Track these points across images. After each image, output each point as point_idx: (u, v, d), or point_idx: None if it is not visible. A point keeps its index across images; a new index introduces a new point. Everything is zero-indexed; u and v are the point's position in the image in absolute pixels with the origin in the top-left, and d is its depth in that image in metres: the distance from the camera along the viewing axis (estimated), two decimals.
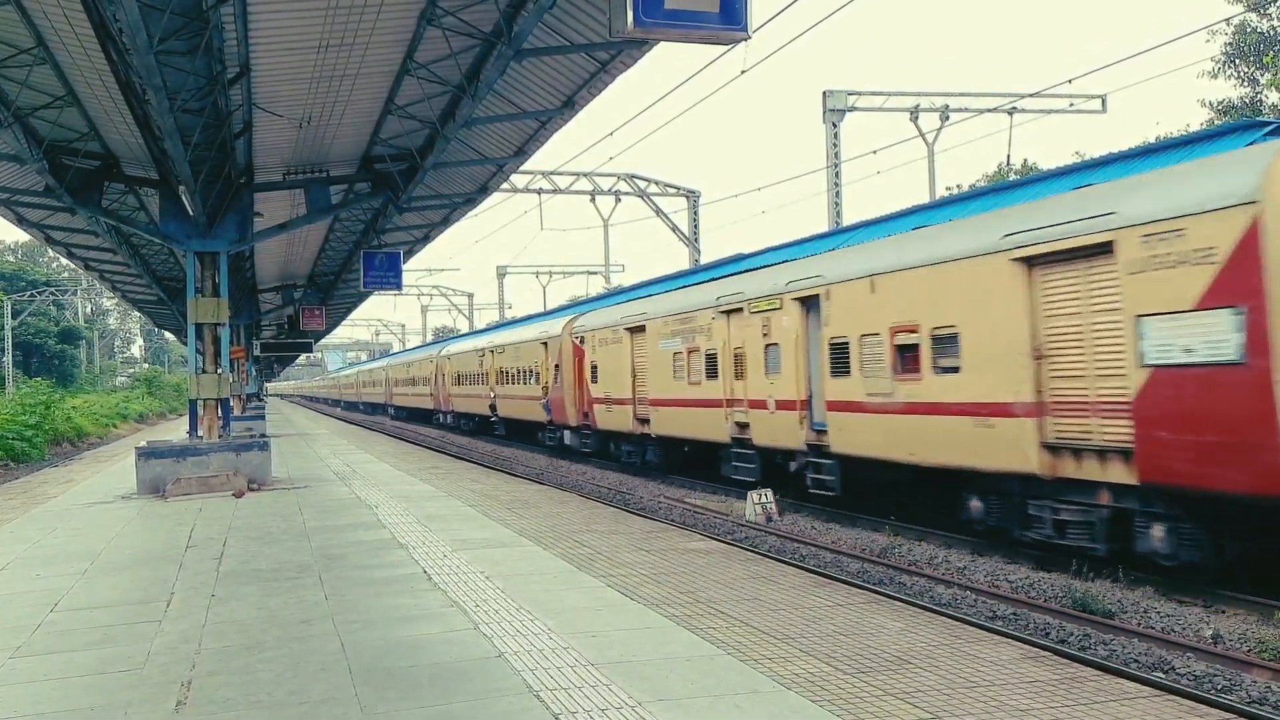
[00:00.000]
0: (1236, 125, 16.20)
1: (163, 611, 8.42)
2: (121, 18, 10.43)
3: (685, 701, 5.74)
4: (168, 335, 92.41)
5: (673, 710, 5.60)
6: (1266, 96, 34.82)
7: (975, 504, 13.77)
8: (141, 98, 14.24)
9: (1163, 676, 8.39)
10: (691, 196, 44.17)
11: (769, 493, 17.72)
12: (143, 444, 18.96)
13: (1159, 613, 10.44)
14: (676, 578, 9.29)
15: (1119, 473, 11.26)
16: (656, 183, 44.09)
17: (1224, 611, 10.44)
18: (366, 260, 26.06)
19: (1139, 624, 10.20)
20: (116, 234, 24.59)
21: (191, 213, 18.16)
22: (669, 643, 7.00)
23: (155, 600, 8.89)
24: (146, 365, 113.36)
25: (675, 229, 44.11)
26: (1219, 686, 8.29)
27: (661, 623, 7.57)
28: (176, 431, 30.22)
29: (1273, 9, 33.95)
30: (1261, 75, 34.63)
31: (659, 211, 43.93)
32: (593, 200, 44.56)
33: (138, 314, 75.01)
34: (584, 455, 29.74)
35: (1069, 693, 5.85)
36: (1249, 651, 9.10)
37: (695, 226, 43.94)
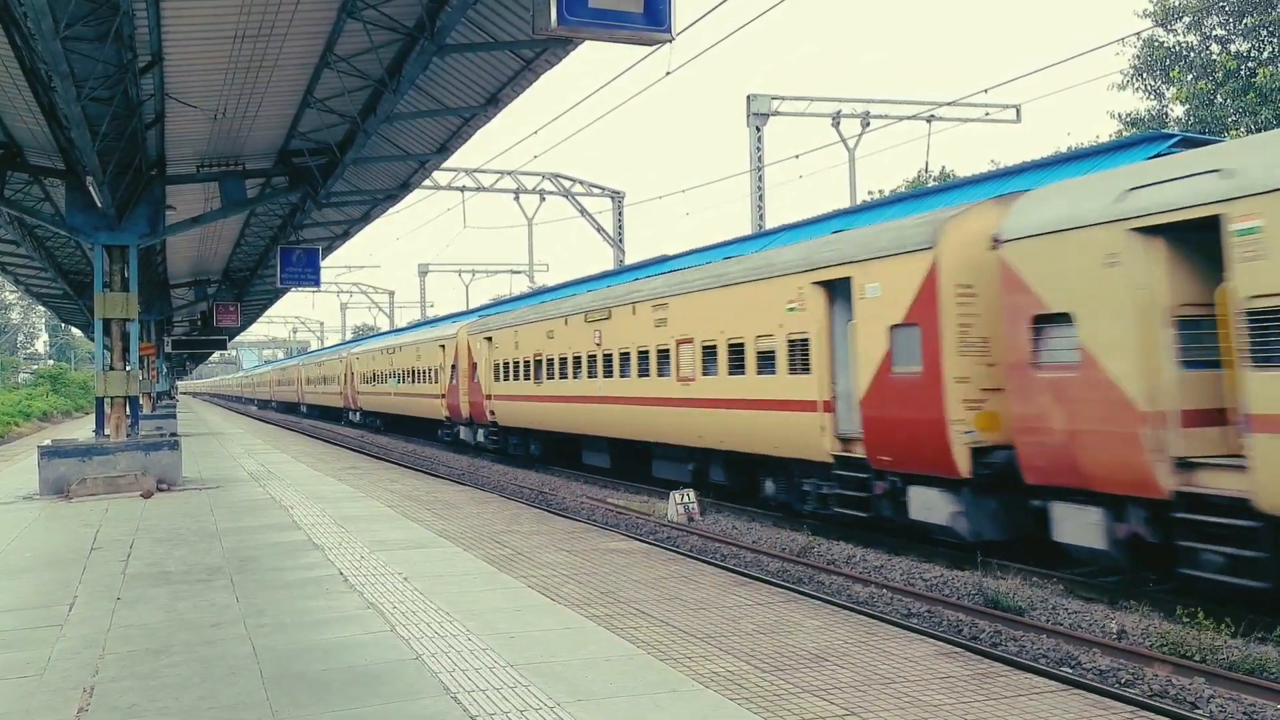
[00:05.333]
0: (1143, 137, 16.75)
1: (65, 615, 8.14)
2: (26, 1, 10.05)
3: (604, 701, 5.73)
4: (74, 331, 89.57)
5: (591, 710, 5.58)
6: (1172, 109, 36.09)
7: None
8: (47, 85, 13.76)
9: (1070, 671, 8.63)
10: (616, 197, 44.21)
11: (691, 493, 17.80)
12: (46, 443, 18.33)
13: (1067, 610, 10.73)
14: (597, 578, 9.27)
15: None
16: (581, 183, 44.03)
17: (1128, 608, 10.76)
18: (284, 256, 25.55)
19: (1048, 621, 10.47)
20: (20, 226, 23.72)
21: (100, 205, 17.61)
22: (589, 643, 6.98)
23: (57, 604, 8.58)
24: (51, 362, 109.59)
25: (600, 229, 44.11)
26: (1123, 681, 8.55)
27: (582, 623, 7.55)
28: (83, 430, 29.25)
29: (1179, 25, 35.18)
30: (1167, 89, 35.87)
31: (583, 211, 43.88)
32: (517, 199, 44.34)
33: (42, 308, 72.49)
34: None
35: (980, 688, 5.97)
36: (1151, 647, 9.40)
37: (620, 227, 43.98)
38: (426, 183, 29.78)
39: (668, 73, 16.73)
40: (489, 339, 30.23)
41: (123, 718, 5.65)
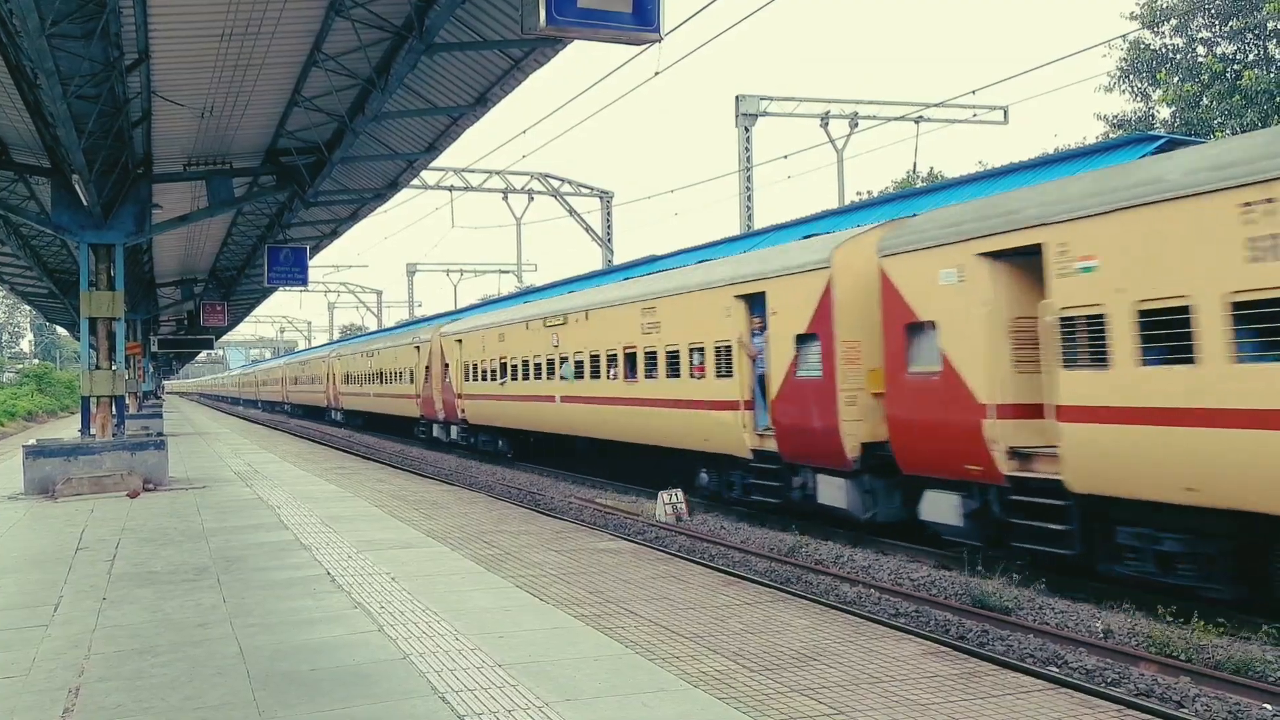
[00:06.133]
0: (1130, 139, 16.83)
1: (50, 615, 8.09)
2: None
3: (593, 701, 5.72)
4: (60, 330, 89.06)
5: (581, 710, 5.57)
6: (1158, 112, 36.26)
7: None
8: (33, 82, 13.69)
9: (1056, 670, 8.66)
10: (605, 197, 44.18)
11: (679, 493, 17.82)
12: (31, 442, 18.22)
13: (1053, 609, 10.77)
14: (586, 578, 9.27)
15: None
16: (570, 182, 44.00)
17: (1114, 607, 10.81)
18: (271, 255, 25.44)
19: (1034, 620, 10.51)
20: (5, 224, 23.58)
21: (86, 203, 17.52)
22: (578, 642, 6.98)
23: (42, 604, 8.54)
24: (37, 361, 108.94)
25: (588, 229, 44.08)
26: (1109, 680, 8.58)
27: (570, 623, 7.54)
28: (68, 430, 29.08)
29: (1165, 28, 35.35)
30: (1154, 91, 36.03)
31: (572, 211, 43.84)
32: (505, 199, 44.29)
33: (27, 307, 72.10)
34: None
35: (968, 687, 5.99)
36: (1137, 646, 9.44)
37: (608, 227, 43.96)
38: (415, 182, 29.73)
39: (656, 72, 16.78)
40: (459, 341, 31.61)
41: (109, 718, 5.62)
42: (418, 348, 36.05)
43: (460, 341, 31.50)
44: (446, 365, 32.54)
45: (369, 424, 47.72)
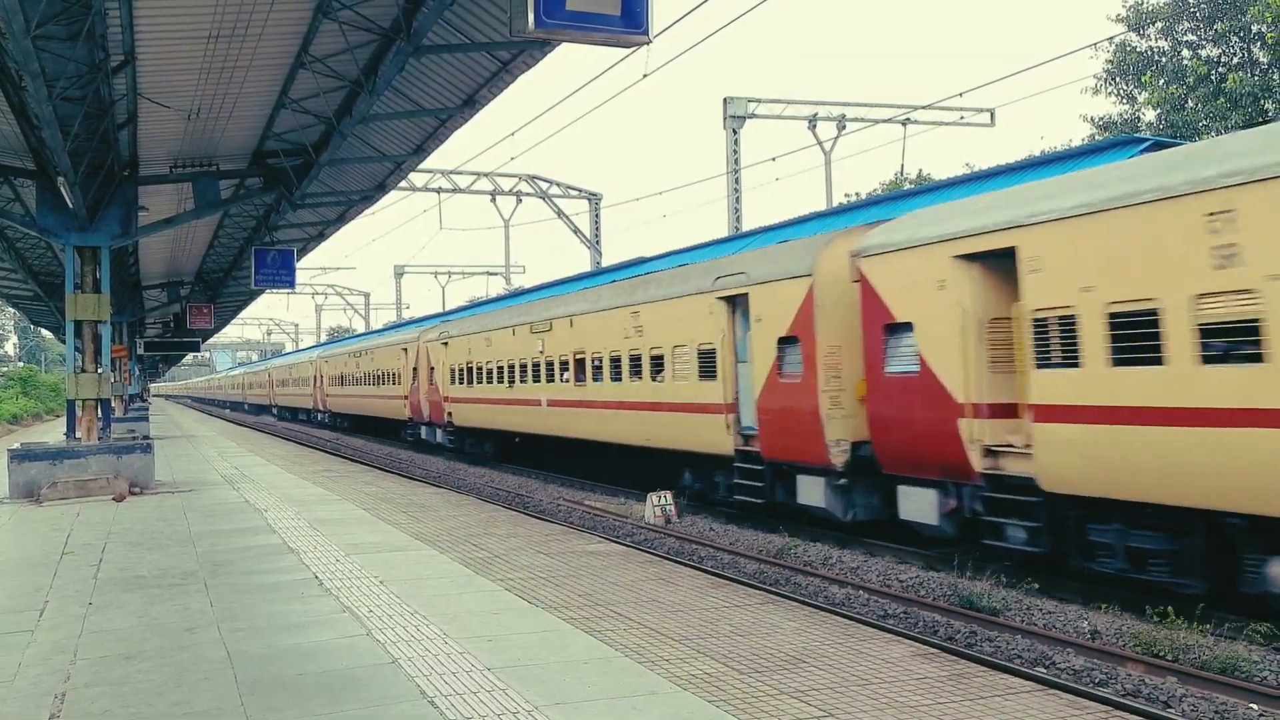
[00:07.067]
0: (1116, 141, 16.92)
1: (36, 621, 8.04)
2: None
3: (583, 705, 5.71)
4: (45, 333, 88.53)
5: (570, 713, 5.56)
6: (1144, 114, 36.42)
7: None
8: (17, 84, 13.61)
9: (1044, 671, 8.68)
10: (593, 199, 44.16)
11: (668, 495, 17.81)
12: (16, 446, 18.11)
13: (1041, 610, 10.80)
14: (575, 580, 9.26)
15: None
16: (558, 184, 43.97)
17: (1101, 608, 10.84)
18: (258, 257, 25.34)
19: (1022, 621, 10.53)
20: None
21: (71, 205, 17.43)
22: (567, 646, 6.97)
23: (28, 609, 8.48)
24: (21, 364, 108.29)
25: (577, 231, 44.05)
26: (1097, 680, 8.61)
27: (560, 626, 7.53)
28: (54, 433, 28.93)
29: (1151, 31, 35.52)
30: (1139, 93, 36.20)
31: (560, 213, 43.81)
32: (493, 200, 44.21)
33: (12, 310, 71.64)
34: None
35: (956, 688, 6.00)
36: (1124, 646, 9.47)
37: (597, 229, 43.95)
38: (403, 184, 29.69)
39: (645, 75, 16.76)
40: (445, 344, 32.01)
41: None
42: (405, 349, 36.44)
43: (446, 345, 31.84)
44: (433, 368, 32.91)
45: (356, 426, 48.13)
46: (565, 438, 23.59)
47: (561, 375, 23.17)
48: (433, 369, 32.91)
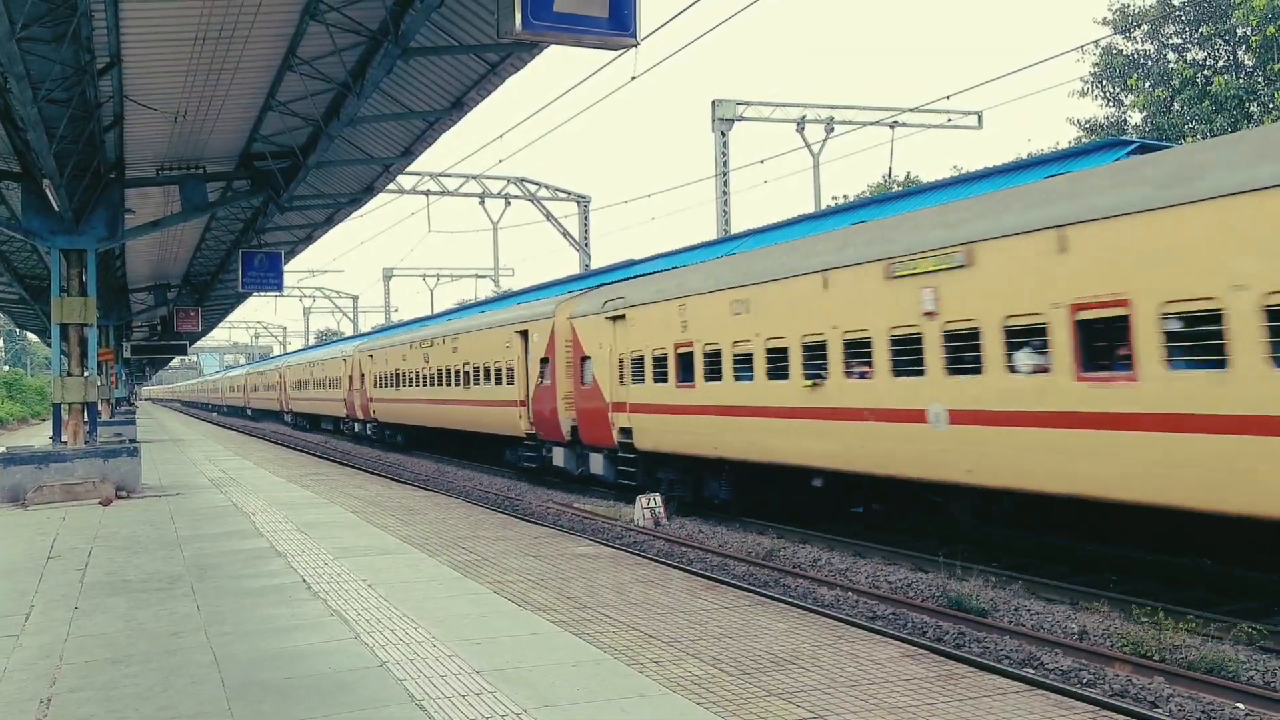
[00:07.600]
0: (1102, 143, 16.99)
1: (21, 625, 7.99)
2: None
3: (571, 707, 5.70)
4: (31, 336, 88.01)
5: (559, 716, 5.55)
6: (1130, 116, 36.60)
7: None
8: (2, 86, 13.52)
9: (1033, 672, 8.70)
10: (582, 201, 44.16)
11: (657, 497, 17.81)
12: (1, 450, 18.00)
13: (1029, 610, 10.83)
14: (564, 583, 9.24)
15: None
16: (547, 187, 43.95)
17: (1089, 608, 10.89)
18: (245, 260, 25.28)
19: (1010, 622, 10.56)
20: None
21: (57, 208, 17.33)
22: (556, 648, 6.95)
23: (13, 614, 8.43)
24: (7, 368, 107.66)
25: (565, 233, 44.03)
26: (1084, 681, 8.64)
27: (548, 628, 7.52)
28: (39, 437, 28.76)
29: (1138, 33, 35.70)
30: (1126, 96, 36.38)
31: (549, 216, 43.79)
32: (482, 203, 44.17)
33: None
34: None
35: (945, 689, 6.01)
36: (1112, 647, 9.51)
37: (586, 231, 43.94)
38: (391, 186, 29.56)
39: (633, 77, 16.72)
40: (371, 357, 40.66)
41: None
42: (344, 359, 44.89)
43: (371, 357, 40.47)
44: (363, 376, 41.45)
45: (311, 424, 56.56)
46: (437, 428, 32.36)
47: (435, 381, 31.64)
48: (363, 376, 41.52)
